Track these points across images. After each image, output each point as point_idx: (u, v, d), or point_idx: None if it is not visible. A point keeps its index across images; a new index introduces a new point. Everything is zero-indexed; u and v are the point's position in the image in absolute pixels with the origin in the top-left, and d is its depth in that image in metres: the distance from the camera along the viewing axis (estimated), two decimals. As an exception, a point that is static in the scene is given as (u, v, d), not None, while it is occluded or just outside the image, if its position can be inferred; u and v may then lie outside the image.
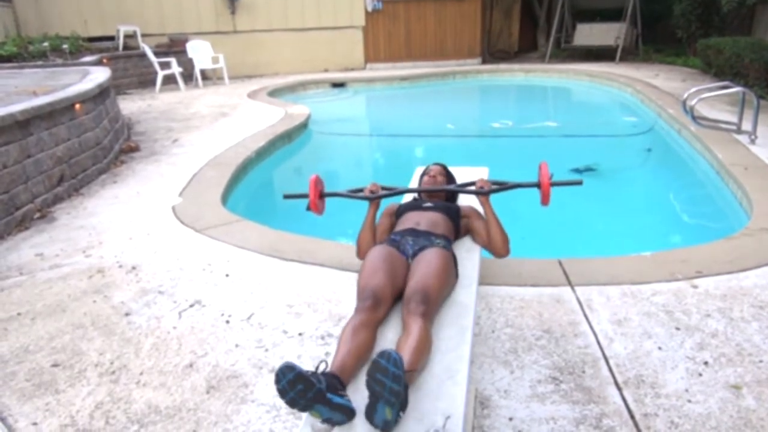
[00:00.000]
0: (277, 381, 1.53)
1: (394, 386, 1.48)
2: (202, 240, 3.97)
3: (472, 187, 2.66)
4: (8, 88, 6.19)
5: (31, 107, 4.61)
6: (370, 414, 1.53)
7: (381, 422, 1.51)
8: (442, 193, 2.92)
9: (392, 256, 2.22)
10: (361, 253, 2.65)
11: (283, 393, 1.53)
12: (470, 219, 2.70)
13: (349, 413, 1.57)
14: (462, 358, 1.82)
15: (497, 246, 2.61)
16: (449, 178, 3.04)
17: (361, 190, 2.72)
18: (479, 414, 2.20)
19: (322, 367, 1.67)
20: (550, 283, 3.18)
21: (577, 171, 5.90)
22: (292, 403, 1.53)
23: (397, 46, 14.88)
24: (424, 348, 1.78)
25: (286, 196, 2.76)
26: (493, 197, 2.67)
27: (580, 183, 2.51)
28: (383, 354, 1.53)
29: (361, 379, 1.73)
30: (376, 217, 2.70)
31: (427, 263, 2.13)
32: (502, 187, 2.59)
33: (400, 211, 2.72)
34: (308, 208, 2.65)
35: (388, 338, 1.95)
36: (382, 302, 1.99)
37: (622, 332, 2.71)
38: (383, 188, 2.71)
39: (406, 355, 1.70)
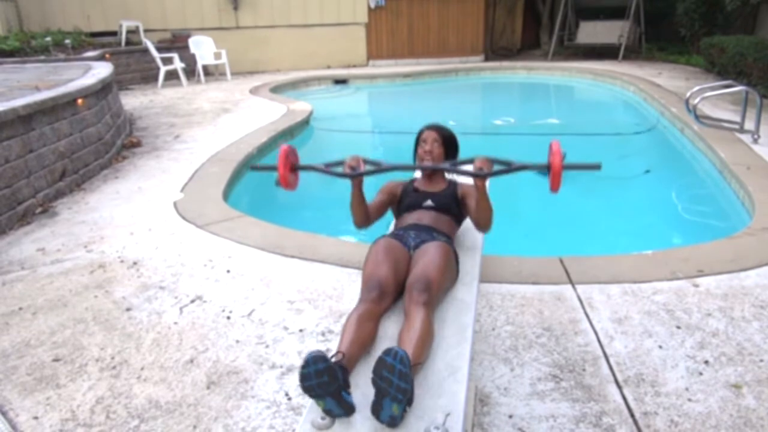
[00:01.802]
0: (305, 366, 1.53)
1: (401, 384, 1.49)
2: (203, 236, 3.97)
3: (470, 167, 2.32)
4: (11, 82, 6.20)
5: (34, 102, 4.61)
6: (377, 410, 1.53)
7: (387, 418, 1.52)
8: (440, 177, 2.74)
9: (395, 248, 2.24)
10: (358, 224, 2.56)
11: (305, 378, 1.53)
12: (467, 197, 2.60)
13: (350, 410, 1.59)
14: (463, 356, 1.82)
15: (481, 225, 2.47)
16: (448, 146, 2.71)
17: (340, 164, 2.37)
18: (479, 411, 2.20)
19: (337, 357, 1.68)
20: (551, 281, 3.18)
21: (543, 173, 5.81)
22: (309, 390, 1.54)
23: (400, 42, 14.85)
24: (427, 339, 1.80)
25: (254, 168, 2.55)
26: (494, 190, 2.62)
27: (598, 167, 2.17)
28: (390, 352, 1.53)
29: (361, 372, 1.74)
30: (362, 193, 2.46)
31: (428, 254, 2.16)
32: (505, 169, 2.26)
33: (401, 207, 2.69)
34: (277, 183, 2.32)
35: (390, 329, 1.96)
36: (386, 294, 2.02)
37: (623, 331, 2.71)
38: (366, 162, 2.38)
39: (410, 348, 1.71)
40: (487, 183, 2.50)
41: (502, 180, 2.43)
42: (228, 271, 3.43)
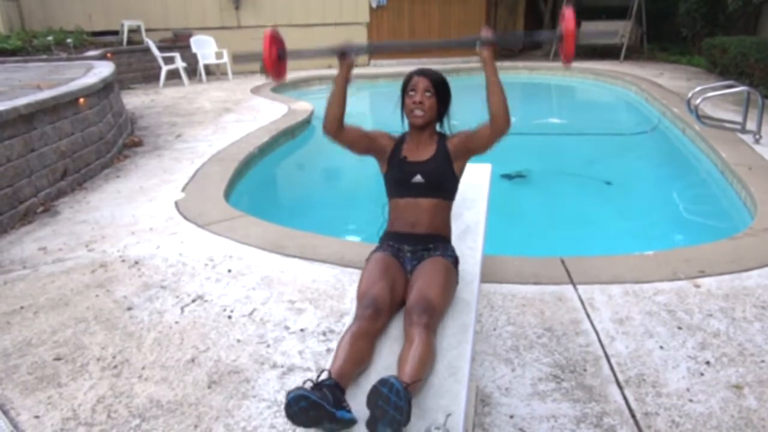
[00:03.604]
0: (289, 407, 1.51)
1: (396, 415, 1.47)
2: (204, 235, 3.97)
3: (474, 37, 2.07)
4: (13, 81, 6.21)
5: (35, 101, 4.62)
6: (373, 427, 1.51)
7: None
8: (429, 134, 2.34)
9: (392, 266, 2.15)
10: (328, 124, 2.27)
11: (293, 417, 1.52)
12: (461, 141, 2.29)
13: (350, 423, 1.57)
14: (463, 356, 1.82)
15: (497, 117, 2.15)
16: (441, 95, 2.31)
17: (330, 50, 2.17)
18: (480, 411, 2.20)
19: (323, 376, 1.65)
20: (552, 281, 3.18)
21: (508, 177, 5.84)
22: (302, 424, 1.53)
23: (402, 42, 14.84)
24: (427, 359, 1.74)
25: (237, 56, 2.44)
26: (496, 195, 2.61)
27: (615, 35, 2.03)
28: (385, 383, 1.50)
29: (359, 386, 1.72)
30: (346, 81, 2.21)
31: (427, 276, 2.06)
32: (513, 37, 2.12)
33: (389, 179, 2.34)
34: (263, 71, 2.16)
35: (393, 330, 1.95)
36: (382, 312, 1.94)
37: (624, 331, 2.70)
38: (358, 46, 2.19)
39: (409, 367, 1.67)
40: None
41: (503, 180, 2.44)
42: (229, 271, 3.44)
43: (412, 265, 2.20)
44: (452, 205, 2.37)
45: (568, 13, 2.05)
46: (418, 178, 2.26)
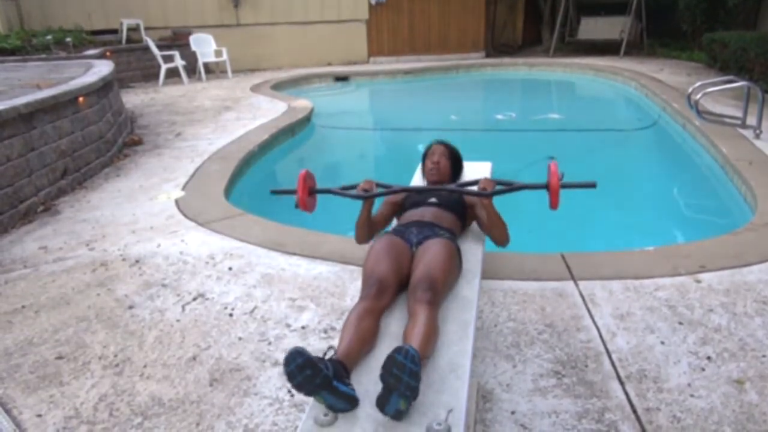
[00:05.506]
0: (286, 364, 1.55)
1: (411, 382, 1.49)
2: (205, 233, 3.98)
3: (474, 188, 2.51)
4: (12, 81, 6.21)
5: (35, 100, 4.62)
6: (382, 404, 1.53)
7: (393, 411, 1.52)
8: (444, 181, 2.76)
9: (396, 245, 2.22)
10: (360, 242, 2.60)
11: (291, 376, 1.54)
12: (474, 208, 2.63)
13: (353, 402, 1.58)
14: (464, 352, 1.82)
15: (497, 242, 2.55)
16: (454, 160, 2.83)
17: (354, 187, 2.49)
18: (481, 408, 2.20)
19: (329, 354, 1.68)
20: (553, 277, 3.18)
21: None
22: (299, 387, 1.54)
23: (401, 39, 14.83)
24: (432, 335, 1.79)
25: (274, 192, 2.63)
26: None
27: (593, 186, 2.33)
28: (401, 350, 1.53)
29: (363, 368, 1.74)
30: (371, 214, 2.53)
31: (432, 253, 2.13)
32: (507, 188, 2.43)
33: (405, 206, 2.67)
34: (297, 206, 2.43)
35: (393, 326, 1.95)
36: (386, 290, 2.00)
37: (625, 327, 2.70)
38: (378, 185, 2.48)
39: (416, 343, 1.70)
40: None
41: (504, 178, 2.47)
42: (230, 269, 3.44)
43: (418, 239, 2.28)
44: (460, 229, 2.57)
45: (552, 167, 2.28)
46: (433, 200, 2.57)
